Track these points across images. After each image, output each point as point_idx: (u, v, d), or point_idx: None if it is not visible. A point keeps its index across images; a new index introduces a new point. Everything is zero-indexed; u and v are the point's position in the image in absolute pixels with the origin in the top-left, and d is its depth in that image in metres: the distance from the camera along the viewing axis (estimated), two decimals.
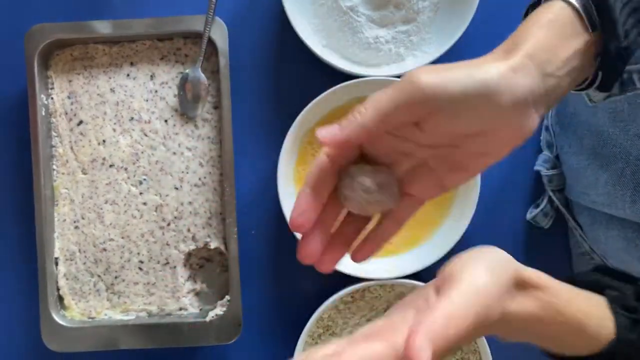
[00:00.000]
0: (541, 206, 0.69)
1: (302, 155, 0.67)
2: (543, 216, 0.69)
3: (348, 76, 0.66)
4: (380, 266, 0.66)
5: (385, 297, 0.67)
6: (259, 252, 0.71)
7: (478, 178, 0.64)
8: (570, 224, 0.68)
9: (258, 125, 0.71)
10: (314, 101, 0.64)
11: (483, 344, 0.65)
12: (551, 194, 0.68)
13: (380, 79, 0.64)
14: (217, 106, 0.68)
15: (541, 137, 0.71)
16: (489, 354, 0.64)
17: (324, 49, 0.67)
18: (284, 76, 0.71)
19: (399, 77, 0.65)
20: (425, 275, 0.68)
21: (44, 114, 0.67)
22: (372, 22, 0.67)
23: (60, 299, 0.68)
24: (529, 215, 0.70)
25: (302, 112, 0.64)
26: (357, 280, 0.66)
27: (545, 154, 0.69)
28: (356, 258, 0.42)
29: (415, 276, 0.66)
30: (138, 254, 0.67)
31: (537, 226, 0.70)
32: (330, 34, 0.68)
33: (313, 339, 0.66)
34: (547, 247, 0.72)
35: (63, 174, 0.68)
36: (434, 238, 0.67)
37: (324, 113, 0.66)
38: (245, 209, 0.70)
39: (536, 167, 0.69)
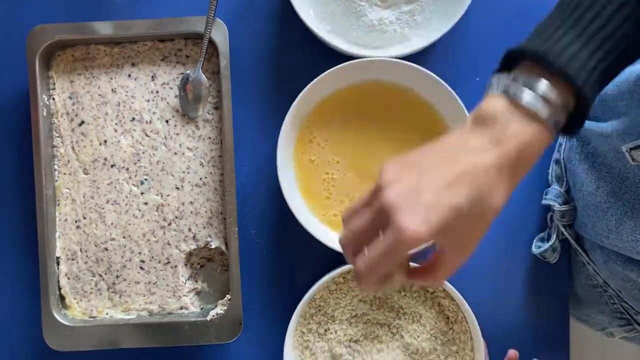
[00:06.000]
0: (550, 242, 0.67)
1: (301, 140, 0.68)
2: (552, 251, 0.67)
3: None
4: None
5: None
6: (259, 251, 0.71)
7: None
8: (582, 258, 0.66)
9: (259, 125, 0.71)
10: (314, 81, 0.64)
11: (476, 331, 0.65)
12: (562, 229, 0.66)
13: (378, 59, 0.64)
14: (217, 107, 0.68)
15: (549, 170, 0.69)
16: (481, 338, 0.65)
17: (328, 34, 0.68)
18: (284, 77, 0.71)
19: (404, 58, 0.65)
20: (419, 257, 0.68)
21: (45, 114, 0.67)
22: (376, 5, 0.67)
23: (62, 298, 0.68)
24: (536, 250, 0.68)
25: (301, 94, 0.64)
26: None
27: (556, 188, 0.66)
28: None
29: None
30: (139, 253, 0.68)
31: (543, 260, 0.69)
32: (334, 19, 0.68)
33: (305, 319, 0.67)
34: (548, 278, 0.71)
35: (64, 174, 0.68)
36: None
37: (325, 94, 0.67)
38: (246, 209, 0.70)
39: (546, 202, 0.67)
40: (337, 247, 0.64)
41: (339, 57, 0.67)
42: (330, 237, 0.66)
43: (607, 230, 0.58)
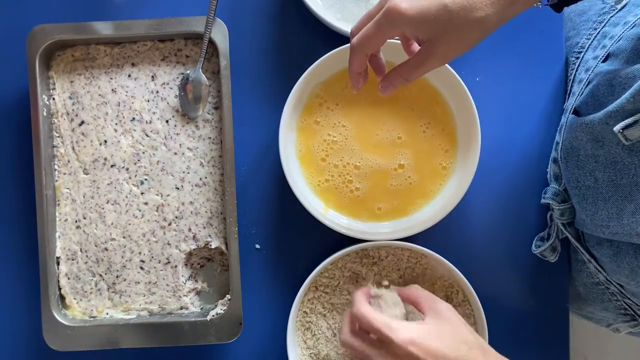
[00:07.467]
0: (550, 241, 0.67)
1: (309, 107, 0.68)
2: (551, 251, 0.68)
3: None
4: (377, 229, 0.67)
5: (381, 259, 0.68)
6: (259, 251, 0.71)
7: (478, 130, 0.65)
8: (583, 256, 0.66)
9: (259, 125, 0.71)
10: (332, 52, 0.64)
11: (479, 312, 0.66)
12: (562, 227, 0.66)
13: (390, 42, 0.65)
14: (217, 107, 0.69)
15: (548, 169, 0.69)
16: (484, 319, 0.66)
17: (338, 22, 0.68)
18: (285, 77, 0.71)
19: None
20: (421, 238, 0.69)
21: (45, 114, 0.67)
22: None
23: (62, 298, 0.68)
24: (535, 250, 0.69)
25: (318, 61, 0.64)
26: (354, 242, 0.67)
27: (554, 186, 0.67)
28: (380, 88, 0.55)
29: (411, 239, 0.67)
30: (139, 253, 0.68)
31: (543, 259, 0.69)
32: (343, 7, 0.69)
33: (309, 300, 0.68)
34: (548, 278, 0.71)
35: (65, 174, 0.68)
36: (433, 203, 0.68)
37: (338, 68, 0.67)
38: (246, 208, 0.70)
39: (545, 201, 0.67)
40: (326, 221, 0.65)
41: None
42: (312, 202, 0.66)
43: (607, 219, 0.58)
